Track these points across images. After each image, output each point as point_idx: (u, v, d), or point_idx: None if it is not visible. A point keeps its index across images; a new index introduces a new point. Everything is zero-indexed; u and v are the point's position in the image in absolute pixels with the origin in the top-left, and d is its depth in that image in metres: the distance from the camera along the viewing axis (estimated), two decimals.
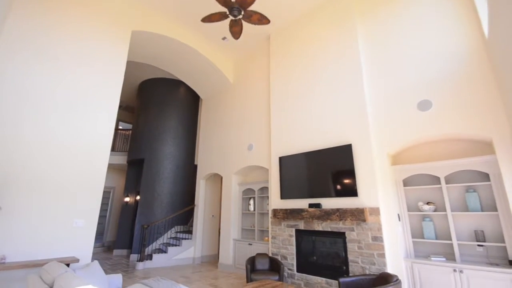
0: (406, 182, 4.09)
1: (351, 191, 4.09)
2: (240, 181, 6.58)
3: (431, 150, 3.98)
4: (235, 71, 7.34)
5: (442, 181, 3.65)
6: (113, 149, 8.49)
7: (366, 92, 4.35)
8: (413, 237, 3.86)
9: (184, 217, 7.87)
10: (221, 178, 7.79)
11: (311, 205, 4.45)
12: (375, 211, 3.79)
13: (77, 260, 3.83)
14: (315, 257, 4.46)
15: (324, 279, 4.13)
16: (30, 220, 3.76)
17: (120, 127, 10.33)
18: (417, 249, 3.84)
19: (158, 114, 8.28)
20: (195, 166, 8.21)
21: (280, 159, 5.18)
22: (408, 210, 3.98)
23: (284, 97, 5.57)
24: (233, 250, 6.01)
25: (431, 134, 3.68)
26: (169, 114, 8.34)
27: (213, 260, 7.19)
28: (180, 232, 7.61)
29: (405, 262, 3.64)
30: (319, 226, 4.37)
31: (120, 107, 9.96)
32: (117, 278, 3.41)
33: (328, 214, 4.15)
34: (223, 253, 6.19)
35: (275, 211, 4.90)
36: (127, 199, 8.49)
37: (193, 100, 8.95)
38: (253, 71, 6.77)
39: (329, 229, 4.24)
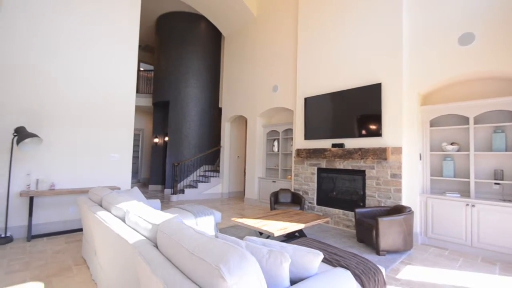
0: (432, 123, 4.08)
1: (376, 132, 4.17)
2: (264, 123, 6.79)
3: (463, 90, 3.84)
4: (259, 2, 6.84)
5: (471, 121, 3.61)
6: (137, 91, 8.71)
7: (404, 26, 4.03)
8: (431, 175, 4.03)
9: (211, 157, 8.48)
10: (246, 120, 8.04)
11: (334, 145, 4.64)
12: (397, 151, 3.92)
13: (118, 188, 4.37)
14: (334, 193, 4.85)
15: (341, 210, 4.57)
16: (73, 153, 4.19)
17: (142, 69, 10.29)
18: (434, 187, 4.05)
19: (180, 53, 8.15)
20: (220, 109, 8.44)
21: (306, 100, 5.21)
22: (431, 150, 4.07)
23: (313, 33, 5.28)
24: (257, 187, 6.59)
25: (470, 71, 3.49)
26: (191, 54, 8.18)
27: (239, 196, 7.96)
28: (208, 171, 8.31)
29: (420, 197, 3.90)
30: (340, 164, 4.63)
31: (139, 46, 9.79)
32: (156, 203, 3.75)
33: (350, 153, 4.35)
34: (248, 189, 6.82)
35: (298, 151, 5.18)
36: (156, 140, 9.15)
37: (215, 37, 8.62)
38: (278, 3, 6.29)
39: (350, 167, 4.49)
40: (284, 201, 5.03)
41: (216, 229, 3.44)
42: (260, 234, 3.61)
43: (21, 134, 3.45)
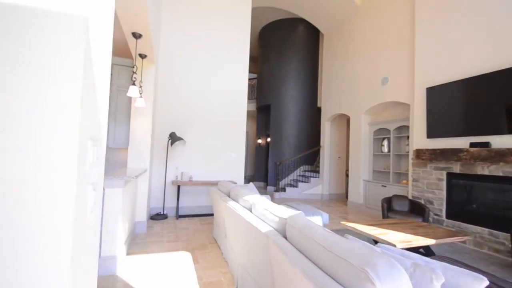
0: None
1: None
2: (370, 121, 6.14)
3: None
4: None
5: None
6: None
7: None
8: None
9: (310, 157, 8.36)
10: (347, 118, 7.52)
11: (473, 144, 3.65)
12: None
13: (235, 183, 4.94)
14: (474, 205, 3.81)
15: (486, 229, 3.53)
16: (204, 152, 5.08)
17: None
18: None
19: (279, 59, 8.48)
20: (318, 109, 8.23)
21: (428, 90, 4.34)
22: None
23: (436, 9, 4.36)
24: (363, 191, 6.00)
25: None
26: (290, 57, 8.39)
27: (340, 198, 7.50)
28: (307, 171, 8.24)
29: None
30: (484, 169, 3.59)
31: None
32: (267, 198, 4.13)
33: (500, 155, 3.31)
34: (352, 192, 6.30)
35: (418, 152, 4.37)
36: (259, 141, 9.79)
37: (312, 37, 8.52)
38: None
39: (500, 174, 3.42)
40: (399, 209, 4.34)
41: None
42: (375, 243, 3.22)
43: (173, 137, 4.52)
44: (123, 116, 3.98)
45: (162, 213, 4.55)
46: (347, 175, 7.32)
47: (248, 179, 11.43)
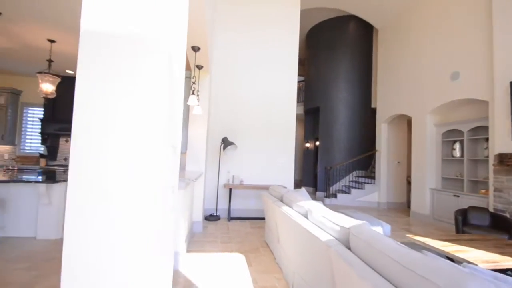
0: None
1: None
2: (437, 121, 5.46)
3: None
4: None
5: None
6: None
7: None
8: None
9: (363, 162, 7.81)
10: (408, 119, 6.84)
11: None
12: None
13: (285, 187, 4.89)
14: None
15: None
16: (253, 156, 5.17)
17: None
18: None
19: (328, 59, 8.19)
20: (373, 110, 7.68)
21: None
22: None
23: None
24: (429, 200, 5.35)
25: None
26: (339, 58, 8.03)
27: (400, 208, 6.82)
28: (360, 176, 7.71)
29: None
30: None
31: None
32: (321, 205, 3.99)
33: None
34: (415, 202, 5.67)
35: (502, 157, 3.72)
36: (307, 144, 9.57)
37: (365, 35, 8.02)
38: None
39: None
40: (477, 224, 3.74)
41: None
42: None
43: (225, 142, 4.73)
44: (182, 122, 4.32)
45: (215, 214, 4.77)
46: (409, 182, 6.64)
47: (295, 184, 11.24)
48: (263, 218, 4.61)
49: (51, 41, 4.04)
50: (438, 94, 5.16)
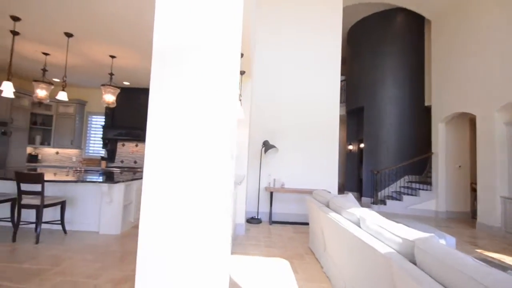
0: None
1: None
2: (509, 120, 4.73)
3: None
4: None
5: None
6: None
7: None
8: None
9: (417, 166, 7.09)
10: (471, 118, 6.06)
11: None
12: None
13: (329, 192, 4.66)
14: None
15: None
16: (294, 159, 5.07)
17: None
18: None
19: (373, 56, 7.71)
20: (426, 108, 6.98)
21: None
22: None
23: None
24: (501, 210, 4.63)
25: None
26: (386, 53, 7.49)
27: (463, 218, 6.04)
28: (413, 182, 7.03)
29: None
30: None
31: None
32: (375, 213, 3.71)
33: None
34: (483, 211, 4.97)
35: None
36: (350, 147, 9.09)
37: (415, 28, 7.37)
38: None
39: None
40: None
41: None
42: None
43: (266, 145, 4.75)
44: None
45: (256, 217, 4.78)
46: (473, 190, 5.86)
47: (338, 188, 10.74)
48: (305, 223, 4.48)
49: (112, 56, 4.50)
50: (508, 89, 4.47)
